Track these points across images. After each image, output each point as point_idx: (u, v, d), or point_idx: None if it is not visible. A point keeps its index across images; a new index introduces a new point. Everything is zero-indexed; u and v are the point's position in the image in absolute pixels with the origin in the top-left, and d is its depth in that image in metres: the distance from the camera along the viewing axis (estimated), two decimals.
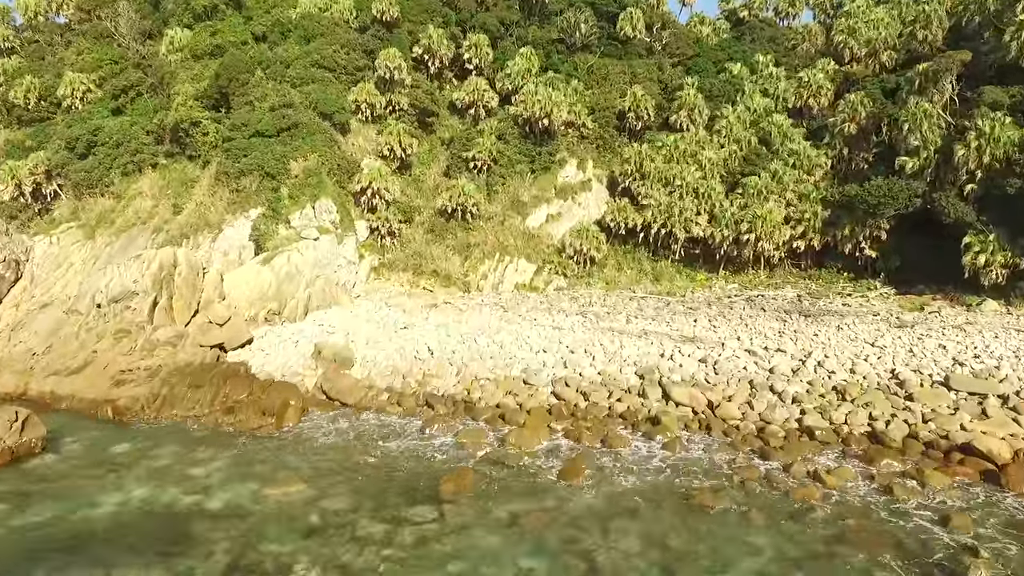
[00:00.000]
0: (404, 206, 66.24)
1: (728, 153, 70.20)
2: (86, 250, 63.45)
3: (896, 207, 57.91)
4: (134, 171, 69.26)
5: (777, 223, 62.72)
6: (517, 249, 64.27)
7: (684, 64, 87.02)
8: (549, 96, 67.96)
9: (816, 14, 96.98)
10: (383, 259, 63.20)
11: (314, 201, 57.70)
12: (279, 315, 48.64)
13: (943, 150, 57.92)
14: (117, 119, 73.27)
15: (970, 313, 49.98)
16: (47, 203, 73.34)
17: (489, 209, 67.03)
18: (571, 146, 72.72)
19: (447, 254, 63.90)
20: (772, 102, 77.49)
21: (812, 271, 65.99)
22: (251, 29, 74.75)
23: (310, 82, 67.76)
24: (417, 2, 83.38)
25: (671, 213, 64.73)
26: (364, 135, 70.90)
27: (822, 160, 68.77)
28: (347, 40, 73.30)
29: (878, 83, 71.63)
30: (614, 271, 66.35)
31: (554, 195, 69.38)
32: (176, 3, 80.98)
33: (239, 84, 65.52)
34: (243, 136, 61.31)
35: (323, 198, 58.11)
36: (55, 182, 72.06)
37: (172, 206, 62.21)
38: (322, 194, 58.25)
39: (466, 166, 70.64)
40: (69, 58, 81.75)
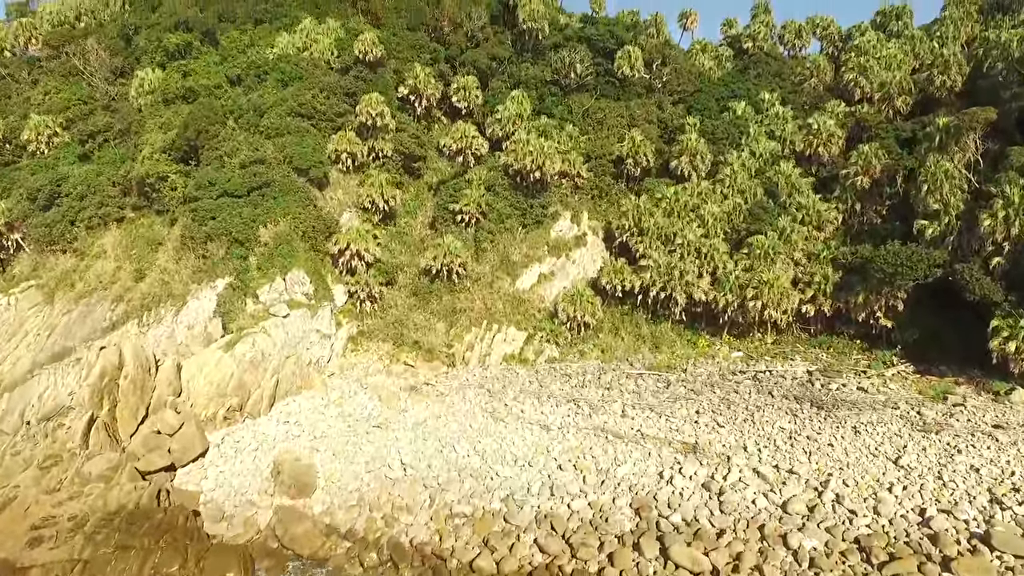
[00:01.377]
0: (386, 266, 61.90)
1: (732, 206, 65.78)
2: (43, 317, 59.11)
3: (914, 277, 53.49)
4: (99, 225, 65.17)
5: (785, 289, 58.31)
6: (506, 315, 59.91)
7: (685, 101, 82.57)
8: (541, 148, 63.56)
9: (824, 45, 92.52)
10: (362, 326, 58.86)
11: (284, 273, 53.35)
12: (240, 411, 44.33)
13: (965, 216, 53.56)
14: (83, 167, 69.00)
15: (999, 405, 45.55)
16: (9, 254, 69.19)
17: (477, 269, 62.67)
18: (565, 198, 68.33)
19: (431, 321, 59.54)
20: (779, 145, 73.01)
21: (823, 337, 61.49)
22: (225, 72, 70.40)
23: (286, 132, 63.40)
24: (403, 38, 79.05)
25: (671, 276, 60.31)
26: (344, 187, 66.56)
27: (832, 215, 64.37)
28: (327, 84, 68.87)
29: (892, 131, 67.15)
30: (610, 336, 61.94)
31: (546, 252, 64.99)
32: (148, 40, 76.56)
33: (209, 136, 61.22)
34: (211, 196, 57.02)
35: (295, 269, 53.81)
36: (16, 234, 67.97)
37: (135, 271, 57.91)
38: (294, 264, 53.91)
39: (453, 219, 66.30)
40: (36, 98, 77.45)
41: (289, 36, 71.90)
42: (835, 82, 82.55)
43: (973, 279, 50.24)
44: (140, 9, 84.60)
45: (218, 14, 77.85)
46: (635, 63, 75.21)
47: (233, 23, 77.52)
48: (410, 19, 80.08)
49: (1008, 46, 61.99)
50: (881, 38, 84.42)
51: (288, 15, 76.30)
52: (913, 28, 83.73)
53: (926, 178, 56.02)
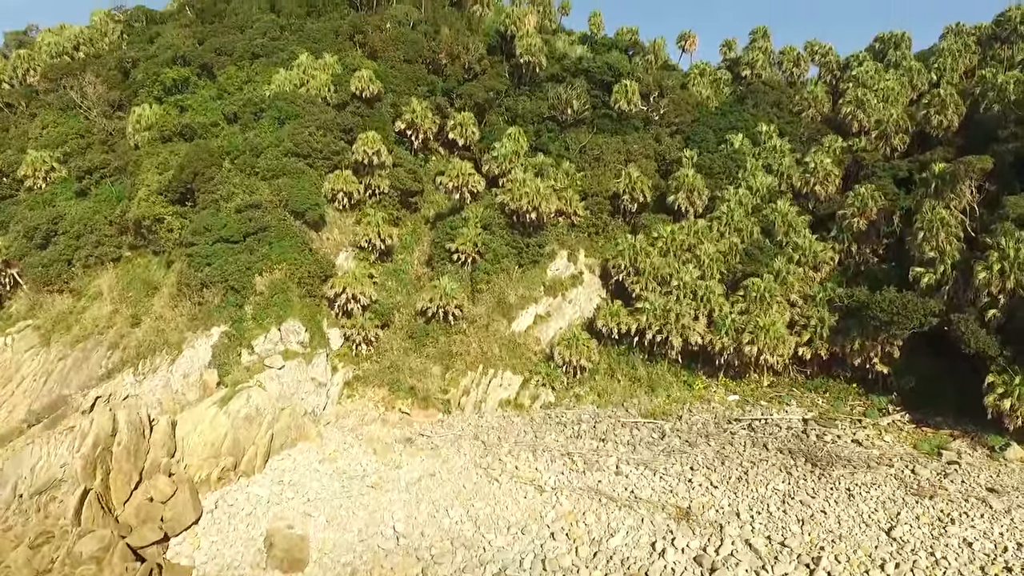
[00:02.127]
0: (382, 307, 61.95)
1: (728, 245, 65.67)
2: (39, 361, 59.21)
3: (910, 326, 53.42)
4: (96, 263, 65.25)
5: (781, 335, 58.23)
6: (501, 359, 59.92)
7: (683, 131, 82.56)
8: (537, 189, 63.55)
9: (822, 73, 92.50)
10: (358, 370, 58.87)
11: (280, 323, 53.44)
12: (235, 470, 44.34)
13: (961, 265, 53.48)
14: (80, 205, 69.12)
15: (993, 463, 45.48)
16: (6, 291, 69.31)
17: (473, 311, 62.63)
18: (561, 236, 68.28)
19: (427, 364, 59.56)
20: (776, 180, 72.97)
21: (819, 380, 61.46)
22: (222, 109, 70.47)
23: (282, 174, 63.43)
24: (400, 71, 79.09)
25: (667, 319, 60.22)
26: (340, 225, 66.59)
27: (829, 255, 64.28)
28: (324, 121, 68.89)
29: (889, 171, 67.12)
30: (606, 378, 61.88)
31: (543, 293, 64.94)
32: (146, 74, 76.58)
33: (204, 179, 61.26)
34: (207, 242, 57.05)
35: (290, 319, 53.90)
36: (13, 269, 68.07)
37: (131, 316, 57.92)
38: (289, 314, 53.99)
39: (449, 257, 66.32)
40: (34, 131, 77.54)
41: (286, 72, 71.89)
42: (833, 113, 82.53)
43: (969, 331, 50.15)
44: (138, 41, 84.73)
45: (215, 48, 77.91)
46: (632, 97, 75.12)
47: (231, 56, 77.55)
48: (407, 51, 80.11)
49: (1004, 89, 61.93)
50: (879, 68, 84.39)
51: (285, 50, 76.29)
52: (911, 59, 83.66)
53: (922, 225, 55.94)
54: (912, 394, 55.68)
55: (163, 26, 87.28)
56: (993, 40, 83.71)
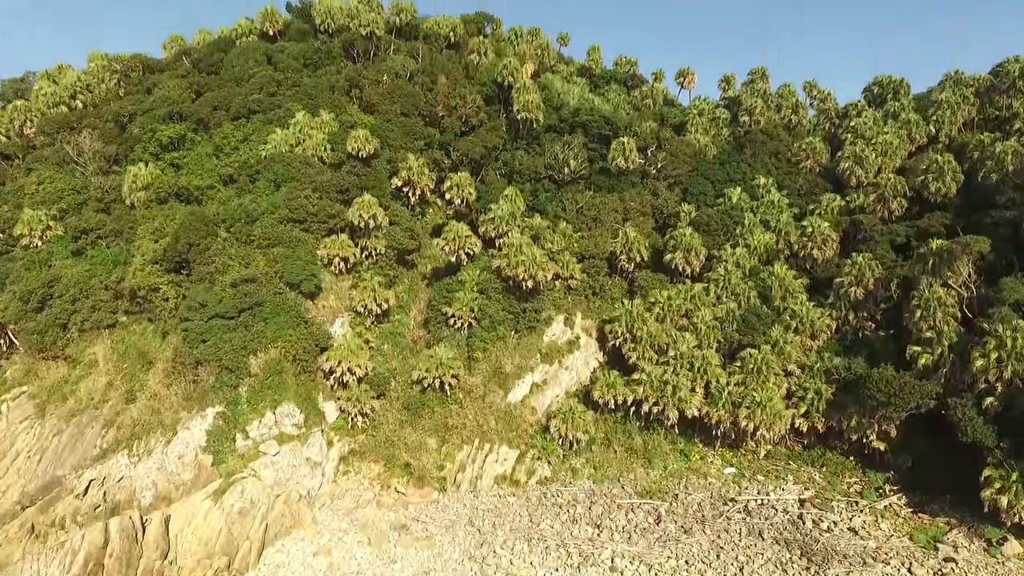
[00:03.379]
0: (378, 377, 61.71)
1: (725, 311, 65.36)
2: (34, 434, 59.02)
3: (907, 409, 53.17)
4: (92, 328, 65.08)
5: (778, 411, 57.99)
6: (497, 433, 59.77)
7: (681, 183, 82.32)
8: (534, 258, 63.35)
9: (820, 120, 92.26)
10: (354, 443, 58.69)
11: (275, 407, 53.35)
12: (228, 569, 44.21)
13: (959, 347, 53.17)
14: (76, 267, 68.82)
15: (990, 559, 45.28)
16: (2, 351, 69.25)
17: (469, 381, 62.48)
18: (558, 300, 68.09)
19: (423, 438, 59.41)
20: (774, 237, 72.84)
21: (816, 450, 61.23)
22: (219, 170, 70.36)
23: (277, 243, 63.34)
24: (397, 124, 78.83)
25: (664, 391, 60.01)
26: (336, 291, 66.40)
27: (826, 322, 64.05)
28: (320, 183, 68.71)
29: (886, 235, 66.84)
30: (602, 449, 61.73)
31: (539, 360, 64.80)
32: (142, 128, 76.40)
33: (200, 250, 61.08)
34: (202, 319, 56.88)
35: (285, 402, 53.73)
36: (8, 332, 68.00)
37: (126, 392, 57.77)
38: (284, 398, 53.89)
39: (446, 322, 66.09)
40: (30, 187, 77.23)
41: (283, 132, 71.69)
42: (832, 164, 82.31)
43: (966, 419, 49.87)
44: (135, 91, 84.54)
45: (212, 103, 77.71)
46: (629, 155, 74.86)
47: (227, 112, 77.34)
48: (404, 105, 79.90)
49: (1002, 159, 61.67)
50: (877, 119, 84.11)
51: (282, 106, 76.06)
52: (910, 110, 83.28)
53: (919, 303, 55.71)
54: (909, 473, 55.51)
55: (161, 75, 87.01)
56: (992, 91, 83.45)
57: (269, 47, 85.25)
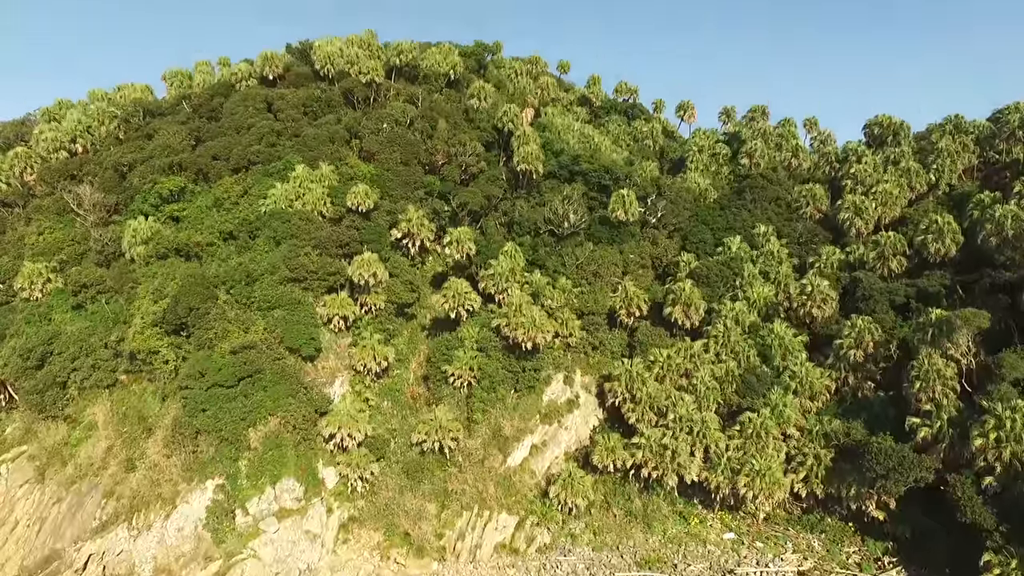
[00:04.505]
0: (377, 440, 61.69)
1: (725, 371, 65.36)
2: (33, 501, 59.15)
3: (906, 483, 53.20)
4: (92, 387, 65.09)
5: (777, 479, 58.00)
6: (497, 500, 59.82)
7: (680, 230, 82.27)
8: (533, 320, 63.34)
9: (820, 162, 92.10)
10: (353, 509, 58.64)
11: (274, 482, 53.44)
12: None
13: (958, 422, 53.21)
14: (76, 323, 68.87)
15: None
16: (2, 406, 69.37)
17: (469, 444, 62.50)
18: (557, 359, 68.00)
19: (422, 504, 59.48)
20: (773, 288, 72.87)
21: (815, 514, 61.29)
22: (219, 227, 70.34)
23: (277, 305, 63.38)
24: (397, 174, 78.86)
25: (663, 456, 60.03)
26: (336, 351, 66.44)
27: (825, 383, 64.03)
28: (320, 239, 68.76)
29: (886, 295, 66.73)
30: (601, 513, 61.77)
31: (538, 422, 64.82)
32: (142, 179, 76.37)
33: (199, 315, 61.11)
34: (201, 387, 56.91)
35: (284, 477, 53.78)
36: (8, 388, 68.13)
37: (126, 460, 57.83)
38: (283, 473, 53.97)
39: (445, 379, 66.04)
40: (30, 237, 77.43)
41: (282, 186, 71.68)
42: (831, 211, 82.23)
43: (965, 498, 49.98)
44: (134, 137, 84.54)
45: (212, 153, 77.75)
46: (629, 208, 74.81)
47: (227, 162, 77.39)
48: (404, 153, 79.93)
49: (1002, 223, 61.66)
50: (877, 166, 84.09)
51: (282, 158, 76.07)
52: (910, 157, 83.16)
53: (919, 374, 55.70)
54: (908, 544, 55.61)
55: (161, 119, 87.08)
56: (992, 139, 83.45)
57: (269, 93, 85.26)
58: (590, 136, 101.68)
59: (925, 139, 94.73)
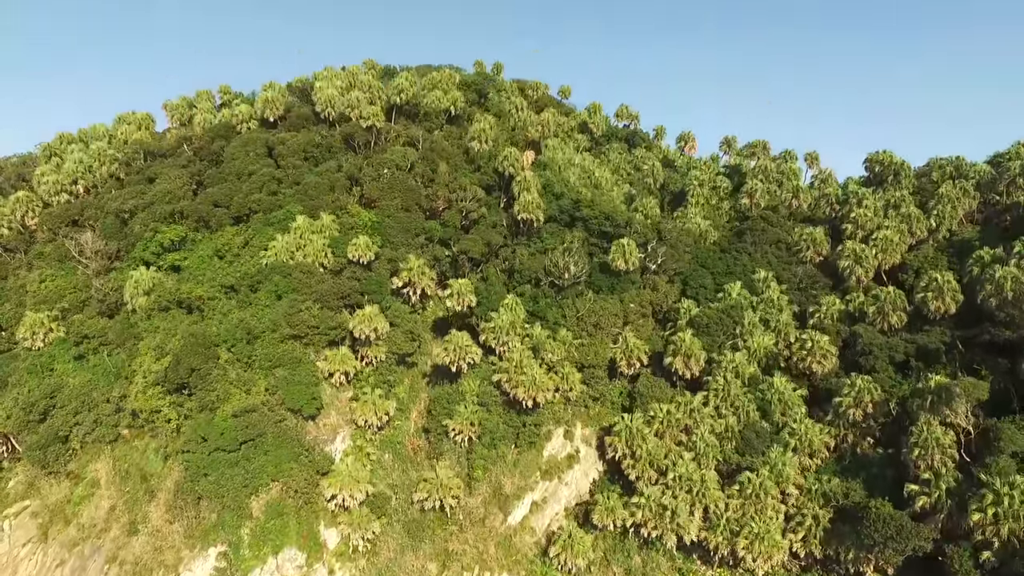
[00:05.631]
0: (378, 498, 62.03)
1: (724, 427, 65.63)
2: (35, 563, 59.55)
3: (904, 551, 53.53)
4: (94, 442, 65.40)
5: (776, 542, 58.31)
6: (497, 560, 60.28)
7: (681, 273, 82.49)
8: (534, 380, 63.68)
9: (820, 204, 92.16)
10: (355, 570, 59.05)
11: (277, 552, 53.81)
12: None
13: (957, 493, 53.44)
14: (78, 375, 69.15)
15: None
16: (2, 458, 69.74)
17: (469, 502, 62.87)
18: (557, 414, 68.22)
19: (423, 563, 59.89)
20: (773, 338, 73.11)
21: (814, 572, 61.48)
22: (220, 280, 70.56)
23: (279, 363, 63.62)
24: (397, 220, 79.00)
25: (662, 516, 60.32)
26: (337, 407, 66.72)
27: (825, 440, 64.21)
28: (321, 293, 68.98)
29: (886, 351, 66.98)
30: (601, 571, 62.13)
31: (539, 478, 65.17)
32: (143, 225, 76.55)
33: (200, 376, 61.40)
34: (203, 452, 57.27)
35: (286, 547, 54.12)
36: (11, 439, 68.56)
37: (128, 523, 58.20)
38: (285, 543, 54.31)
39: (446, 433, 66.33)
40: (32, 284, 77.67)
41: (283, 237, 71.87)
42: (832, 255, 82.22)
43: (962, 572, 50.29)
44: (135, 181, 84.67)
45: (213, 200, 77.93)
46: (630, 257, 74.96)
47: (228, 209, 77.56)
48: (404, 199, 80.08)
49: (1001, 284, 61.77)
50: (877, 210, 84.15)
51: (283, 205, 76.27)
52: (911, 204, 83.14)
53: (917, 442, 55.93)
54: None
55: (162, 162, 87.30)
56: (993, 183, 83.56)
57: (270, 137, 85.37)
58: (590, 171, 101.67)
59: (926, 176, 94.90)
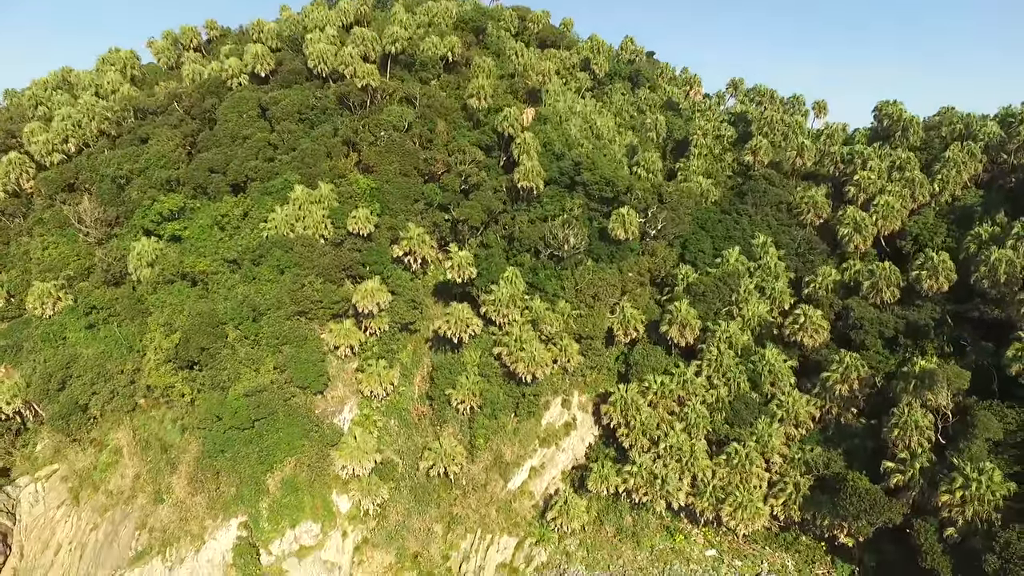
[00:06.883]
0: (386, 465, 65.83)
1: (716, 398, 68.53)
2: (71, 525, 64.20)
3: (876, 523, 57.79)
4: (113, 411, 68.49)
5: (758, 509, 62.62)
6: (498, 523, 64.82)
7: (680, 237, 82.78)
8: (533, 356, 65.78)
9: (825, 163, 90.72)
10: (366, 531, 63.79)
11: (294, 525, 57.81)
12: None
13: (929, 473, 56.88)
14: (90, 348, 70.95)
15: None
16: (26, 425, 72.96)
17: (472, 470, 66.82)
18: (556, 384, 70.95)
19: (429, 526, 64.60)
20: (767, 306, 74.81)
21: (791, 532, 66.52)
22: (222, 254, 70.95)
23: (285, 341, 65.46)
24: (396, 185, 78.27)
25: (653, 484, 64.39)
26: (343, 378, 69.25)
27: (810, 411, 67.29)
28: (323, 266, 69.74)
29: (876, 326, 68.71)
30: (594, 529, 67.11)
31: (537, 445, 68.81)
32: (140, 192, 76.01)
33: (209, 355, 63.49)
34: (219, 430, 60.32)
35: (303, 521, 58.12)
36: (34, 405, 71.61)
37: (153, 493, 62.21)
38: (301, 517, 58.20)
39: (448, 402, 69.32)
40: (35, 251, 78.14)
41: (282, 209, 71.58)
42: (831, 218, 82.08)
43: (927, 544, 54.58)
44: (127, 142, 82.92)
45: (208, 166, 76.79)
46: (629, 227, 74.99)
47: (224, 175, 76.62)
48: (402, 164, 78.90)
49: (996, 267, 62.46)
50: (881, 172, 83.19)
51: (280, 173, 75.27)
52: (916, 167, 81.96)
53: (897, 423, 58.80)
54: (872, 572, 61.02)
55: (153, 119, 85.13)
56: (1001, 145, 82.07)
57: (263, 96, 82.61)
58: (592, 120, 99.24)
59: (935, 130, 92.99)
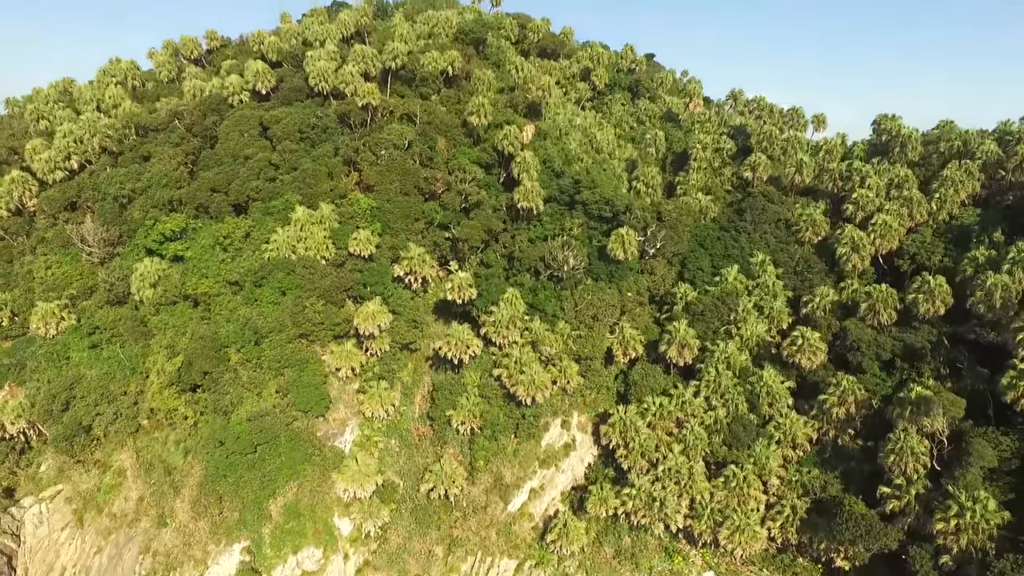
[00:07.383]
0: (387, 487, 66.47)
1: (714, 419, 69.04)
2: (75, 548, 64.87)
3: (872, 549, 58.42)
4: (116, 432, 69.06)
5: (756, 533, 63.21)
6: (498, 546, 65.44)
7: (679, 255, 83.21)
8: (532, 379, 66.31)
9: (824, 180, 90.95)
10: (367, 553, 64.47)
11: (296, 551, 58.40)
12: None
13: (925, 500, 57.43)
14: (94, 366, 71.67)
15: None
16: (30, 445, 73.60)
17: (472, 491, 67.41)
18: (555, 405, 71.43)
19: (430, 548, 65.21)
20: (766, 325, 75.32)
21: (788, 555, 67.11)
22: (224, 276, 71.32)
23: (287, 365, 65.98)
24: (396, 204, 78.64)
25: (651, 507, 64.97)
26: (345, 400, 69.73)
27: (808, 433, 67.82)
28: (324, 288, 70.22)
29: (874, 348, 69.18)
30: (593, 551, 67.71)
31: (537, 467, 69.36)
32: (142, 211, 76.47)
33: (212, 380, 64.03)
34: (222, 455, 60.86)
35: (305, 547, 58.73)
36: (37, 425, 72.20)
37: (156, 517, 62.81)
38: (304, 543, 58.80)
39: (448, 423, 69.90)
40: (38, 270, 78.63)
41: (284, 231, 71.97)
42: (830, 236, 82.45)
43: (922, 572, 55.20)
44: (129, 160, 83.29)
45: (210, 185, 77.16)
46: (628, 247, 75.42)
47: (226, 195, 77.01)
48: (403, 183, 79.26)
49: (991, 292, 62.86)
50: (880, 190, 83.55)
51: (281, 193, 75.64)
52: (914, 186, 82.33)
53: (893, 448, 59.34)
54: None
55: (155, 137, 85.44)
56: (999, 164, 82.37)
57: (264, 115, 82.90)
58: (592, 134, 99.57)
59: (933, 144, 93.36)
